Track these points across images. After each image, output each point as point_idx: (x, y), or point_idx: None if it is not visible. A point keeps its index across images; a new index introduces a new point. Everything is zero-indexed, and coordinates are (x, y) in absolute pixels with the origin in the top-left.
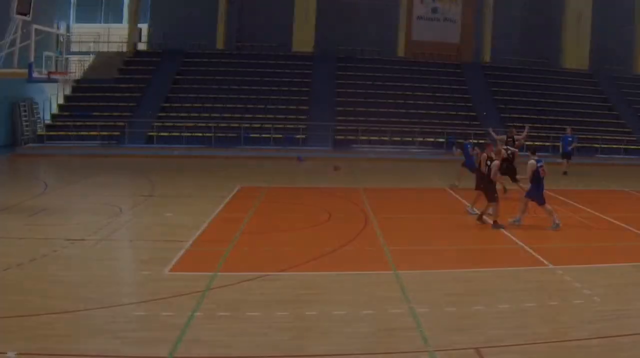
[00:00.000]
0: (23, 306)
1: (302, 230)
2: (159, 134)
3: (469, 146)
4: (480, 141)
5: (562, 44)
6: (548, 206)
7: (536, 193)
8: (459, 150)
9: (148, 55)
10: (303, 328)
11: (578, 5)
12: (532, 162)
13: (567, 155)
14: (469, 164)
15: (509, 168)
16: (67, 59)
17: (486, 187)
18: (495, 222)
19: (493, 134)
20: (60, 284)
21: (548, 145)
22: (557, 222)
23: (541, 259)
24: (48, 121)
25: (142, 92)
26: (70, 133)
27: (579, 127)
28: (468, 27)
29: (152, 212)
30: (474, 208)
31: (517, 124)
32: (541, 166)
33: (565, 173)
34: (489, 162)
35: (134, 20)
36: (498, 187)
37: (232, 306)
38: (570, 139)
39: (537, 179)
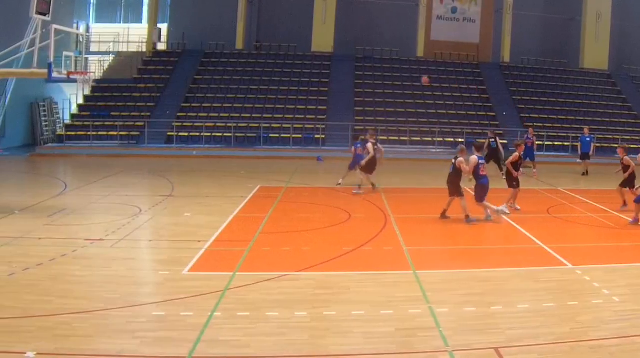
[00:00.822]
0: (42, 306)
1: (321, 230)
2: (178, 134)
3: (358, 145)
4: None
5: (582, 43)
6: (486, 203)
7: (480, 190)
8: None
9: (167, 55)
10: (322, 328)
11: (597, 5)
12: (473, 157)
13: (585, 156)
14: (354, 163)
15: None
16: (86, 58)
17: (451, 183)
18: (467, 216)
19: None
20: (80, 284)
21: (567, 145)
22: (489, 214)
23: (560, 259)
24: (67, 121)
25: (161, 92)
26: (89, 133)
27: (598, 127)
28: (487, 27)
29: (171, 212)
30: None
31: (537, 124)
32: (482, 164)
33: (584, 173)
34: (453, 160)
35: (154, 20)
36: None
37: (251, 306)
38: (588, 140)
39: (477, 176)
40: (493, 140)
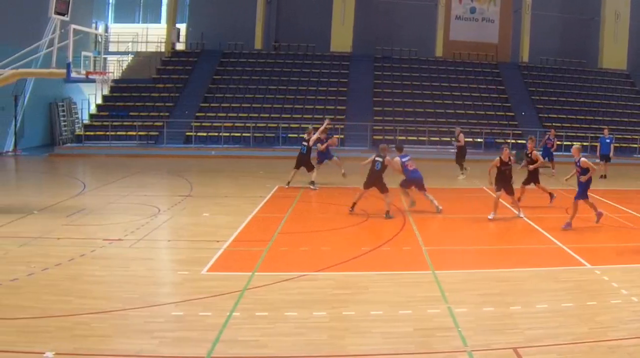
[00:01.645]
0: (61, 306)
1: (339, 230)
2: (197, 134)
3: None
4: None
5: (600, 43)
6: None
7: (405, 182)
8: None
9: (186, 55)
10: (340, 328)
11: (616, 5)
12: (396, 159)
13: (605, 158)
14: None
15: None
16: (105, 58)
17: (378, 181)
18: (387, 211)
19: None
20: (98, 284)
21: (586, 145)
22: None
23: (579, 259)
24: (86, 121)
25: (180, 92)
26: (108, 133)
27: (617, 127)
28: (506, 27)
29: (190, 212)
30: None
31: (555, 124)
32: (406, 160)
33: (604, 176)
34: (378, 159)
35: (172, 20)
36: None
37: (269, 306)
38: (607, 141)
39: (406, 172)
40: (455, 139)
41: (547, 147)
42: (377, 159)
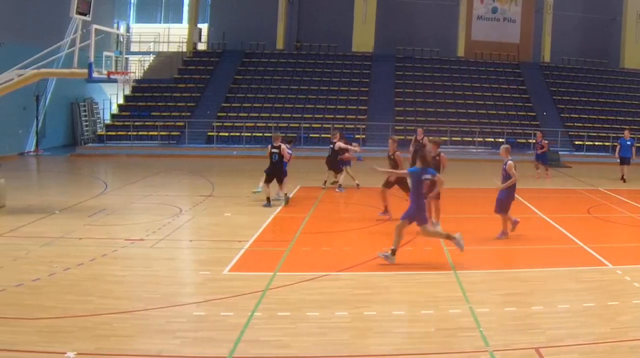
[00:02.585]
0: (82, 306)
1: (361, 230)
2: (219, 134)
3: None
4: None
5: (622, 43)
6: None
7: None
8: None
9: (207, 55)
10: (362, 328)
11: (638, 5)
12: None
13: (625, 161)
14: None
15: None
16: (126, 58)
17: (278, 173)
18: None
19: None
20: (120, 284)
21: (607, 145)
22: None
23: (601, 259)
24: (108, 121)
25: (202, 92)
26: (129, 133)
27: (639, 127)
28: (528, 27)
29: (212, 212)
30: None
31: (577, 124)
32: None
33: (623, 180)
34: (274, 150)
35: (194, 20)
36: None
37: (291, 306)
38: (629, 143)
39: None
40: (420, 140)
41: (538, 154)
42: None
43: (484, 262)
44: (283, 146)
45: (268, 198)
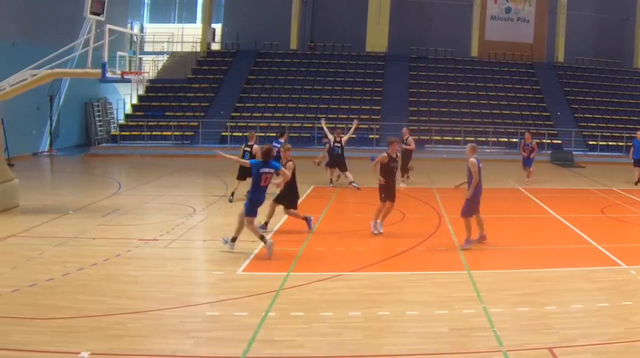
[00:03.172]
0: (96, 306)
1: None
2: (233, 134)
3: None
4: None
5: (636, 44)
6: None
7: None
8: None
9: (221, 55)
10: (376, 328)
11: None
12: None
13: (638, 163)
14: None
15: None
16: (140, 58)
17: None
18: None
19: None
20: (134, 284)
21: (621, 145)
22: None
23: (615, 259)
24: (121, 121)
25: (216, 92)
26: (143, 133)
27: None
28: (541, 27)
29: (225, 212)
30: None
31: (590, 124)
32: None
33: (637, 182)
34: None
35: (208, 20)
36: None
37: (305, 306)
38: None
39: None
40: (406, 140)
41: (527, 159)
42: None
43: (497, 262)
44: (256, 146)
45: (232, 193)
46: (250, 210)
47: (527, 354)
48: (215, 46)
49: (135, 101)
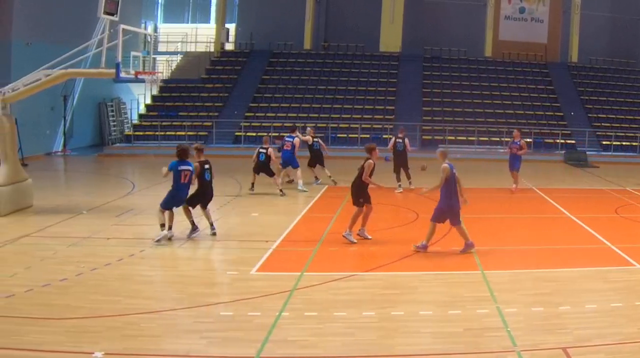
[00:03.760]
0: (110, 306)
1: (389, 230)
2: (246, 134)
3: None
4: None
5: None
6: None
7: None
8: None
9: (235, 55)
10: (389, 328)
11: None
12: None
13: None
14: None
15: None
16: (154, 58)
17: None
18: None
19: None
20: (147, 284)
21: (635, 145)
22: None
23: (628, 259)
24: (135, 121)
25: (229, 92)
26: (157, 133)
27: None
28: (555, 27)
29: (239, 212)
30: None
31: (604, 124)
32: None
33: None
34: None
35: (221, 20)
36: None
37: (318, 306)
38: None
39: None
40: (401, 140)
41: (513, 155)
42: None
43: (511, 262)
44: (270, 149)
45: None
46: (167, 203)
47: (541, 354)
48: (229, 46)
49: (149, 101)
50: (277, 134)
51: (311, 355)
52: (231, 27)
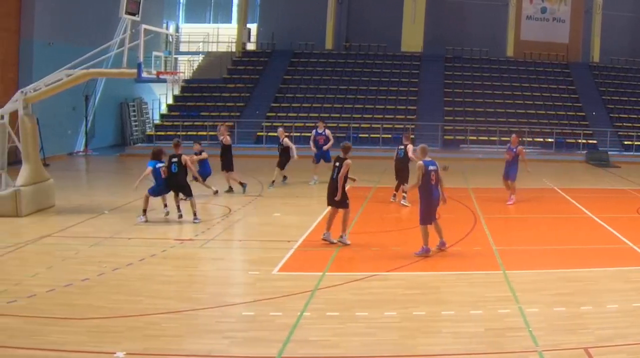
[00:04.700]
0: (132, 306)
1: (410, 230)
2: (268, 134)
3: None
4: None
5: None
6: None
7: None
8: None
9: (256, 55)
10: (411, 328)
11: None
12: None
13: None
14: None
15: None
16: (176, 58)
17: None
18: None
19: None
20: (169, 284)
21: None
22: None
23: None
24: (157, 121)
25: (251, 92)
26: (179, 133)
27: None
28: (577, 27)
29: (261, 212)
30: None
31: (626, 124)
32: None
33: None
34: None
35: (243, 20)
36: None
37: (340, 306)
38: None
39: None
40: (402, 148)
41: (509, 163)
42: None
43: (532, 262)
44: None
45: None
46: (154, 192)
47: (562, 354)
48: (251, 46)
49: (170, 101)
50: (298, 134)
51: (333, 355)
52: (253, 27)
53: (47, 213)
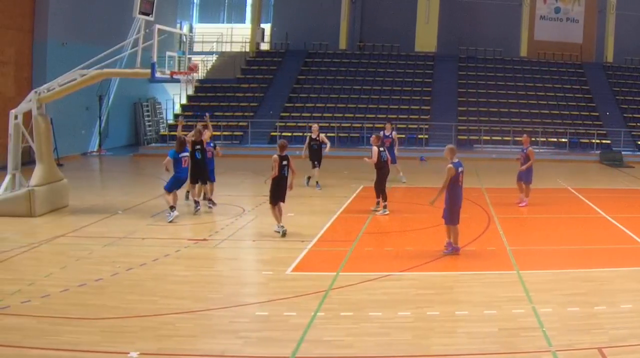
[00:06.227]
0: (145, 306)
1: (424, 230)
2: (282, 134)
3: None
4: None
5: None
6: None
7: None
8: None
9: (270, 55)
10: (425, 328)
11: None
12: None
13: None
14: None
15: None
16: (189, 58)
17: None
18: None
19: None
20: (183, 284)
21: None
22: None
23: None
24: (171, 121)
25: (265, 92)
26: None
27: None
28: (590, 27)
29: None
30: None
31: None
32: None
33: None
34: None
35: (257, 20)
36: None
37: (354, 306)
38: None
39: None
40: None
41: (523, 171)
42: None
43: (546, 262)
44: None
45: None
46: (172, 187)
47: (576, 354)
48: (265, 46)
49: (184, 101)
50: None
51: (346, 355)
52: (266, 27)
53: (61, 213)
